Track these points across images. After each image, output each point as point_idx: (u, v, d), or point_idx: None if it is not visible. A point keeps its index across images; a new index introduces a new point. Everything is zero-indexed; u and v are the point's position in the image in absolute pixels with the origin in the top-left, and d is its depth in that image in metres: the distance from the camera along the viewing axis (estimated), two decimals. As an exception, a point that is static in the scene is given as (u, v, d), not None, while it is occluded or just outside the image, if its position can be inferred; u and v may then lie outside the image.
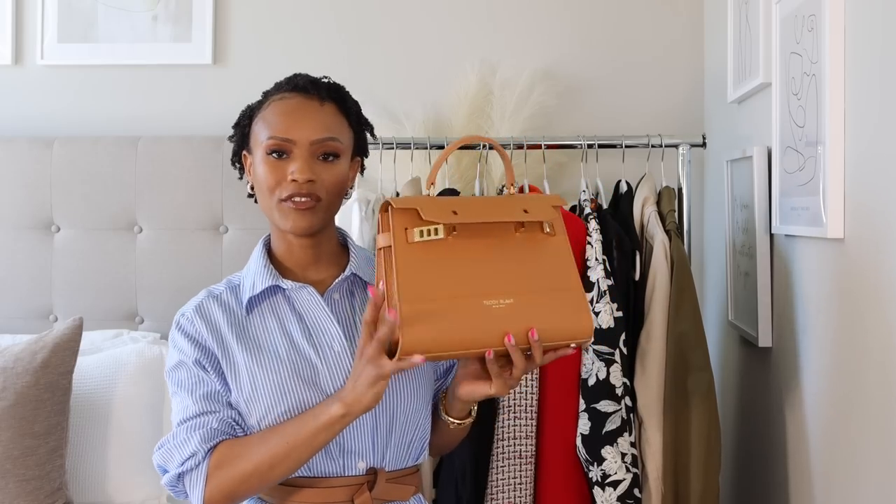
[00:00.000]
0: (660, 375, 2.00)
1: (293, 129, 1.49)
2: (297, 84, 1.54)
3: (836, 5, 1.58)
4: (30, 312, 2.56)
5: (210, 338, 1.52)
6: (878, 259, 1.46)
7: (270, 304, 1.55)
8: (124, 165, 2.54)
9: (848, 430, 1.59)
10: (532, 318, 1.39)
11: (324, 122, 1.51)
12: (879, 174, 1.45)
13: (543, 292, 1.42)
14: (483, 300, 1.38)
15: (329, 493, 1.48)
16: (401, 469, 1.54)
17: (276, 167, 1.49)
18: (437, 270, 1.39)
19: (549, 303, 1.41)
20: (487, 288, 1.39)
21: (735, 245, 2.22)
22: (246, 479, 1.43)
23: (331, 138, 1.51)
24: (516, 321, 1.38)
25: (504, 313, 1.38)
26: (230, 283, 1.60)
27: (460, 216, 1.42)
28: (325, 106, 1.52)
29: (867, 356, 1.51)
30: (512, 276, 1.42)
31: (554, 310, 1.41)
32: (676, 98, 2.64)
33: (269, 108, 1.53)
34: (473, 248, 1.42)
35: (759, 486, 2.12)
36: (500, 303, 1.39)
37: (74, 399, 2.19)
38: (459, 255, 1.41)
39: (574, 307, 1.43)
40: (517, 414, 1.99)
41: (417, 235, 1.40)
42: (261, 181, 1.51)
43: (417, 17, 2.70)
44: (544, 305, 1.41)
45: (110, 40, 2.71)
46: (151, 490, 2.26)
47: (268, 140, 1.49)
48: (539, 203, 1.49)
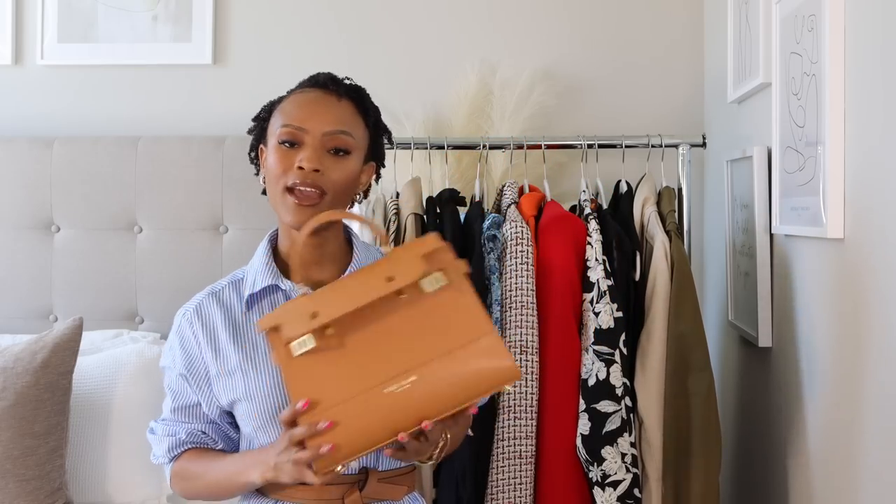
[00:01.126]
0: (660, 376, 2.00)
1: (307, 119, 1.50)
2: (318, 80, 1.56)
3: (836, 5, 1.58)
4: (30, 312, 2.56)
5: (205, 341, 1.54)
6: (878, 259, 1.46)
7: (270, 301, 1.55)
8: (124, 165, 2.54)
9: (848, 430, 1.59)
10: (441, 388, 1.32)
11: (338, 115, 1.52)
12: (879, 174, 1.45)
13: (448, 355, 1.33)
14: (383, 388, 1.32)
15: (320, 491, 1.48)
16: (394, 469, 1.54)
17: (285, 155, 1.49)
18: (328, 375, 1.34)
19: (458, 364, 1.33)
20: (384, 373, 1.32)
21: (735, 245, 2.22)
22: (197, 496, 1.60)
23: (343, 132, 1.50)
24: (423, 398, 1.31)
25: (409, 394, 1.31)
26: (234, 276, 1.61)
27: (321, 316, 1.35)
28: (342, 102, 1.53)
29: (867, 356, 1.51)
30: (408, 350, 1.33)
31: (465, 369, 1.33)
32: (676, 98, 2.64)
33: (287, 101, 1.55)
34: (359, 337, 1.35)
35: (759, 486, 2.12)
36: (402, 385, 1.32)
37: (74, 399, 2.19)
38: (347, 348, 1.35)
39: (489, 355, 1.34)
40: (517, 414, 1.99)
41: (297, 349, 1.35)
42: (270, 169, 1.51)
43: (417, 17, 2.70)
44: (452, 369, 1.33)
45: (110, 40, 2.70)
46: (151, 490, 2.26)
47: (281, 128, 1.50)
48: (405, 260, 1.38)
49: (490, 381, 1.34)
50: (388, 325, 1.36)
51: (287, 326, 1.36)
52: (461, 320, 1.35)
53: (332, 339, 1.35)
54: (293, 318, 1.36)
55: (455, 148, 2.34)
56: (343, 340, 1.35)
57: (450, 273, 1.38)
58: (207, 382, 1.54)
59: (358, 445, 1.32)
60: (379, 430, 1.32)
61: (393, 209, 2.15)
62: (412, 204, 2.13)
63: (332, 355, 1.35)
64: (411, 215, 2.11)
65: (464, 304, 1.37)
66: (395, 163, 2.21)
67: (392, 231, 2.11)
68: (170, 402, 1.59)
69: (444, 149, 2.27)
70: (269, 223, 1.64)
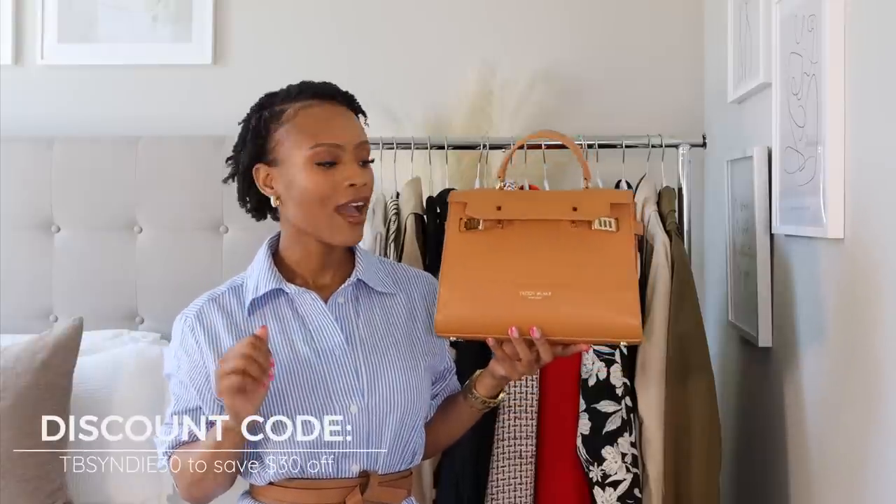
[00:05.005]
0: (660, 375, 2.00)
1: (339, 135, 1.50)
2: (320, 92, 1.54)
3: (836, 5, 1.58)
4: (30, 312, 2.55)
5: (207, 346, 1.53)
6: (878, 259, 1.46)
7: (273, 307, 1.55)
8: (124, 165, 2.54)
9: (848, 429, 1.59)
10: (565, 313, 1.43)
11: (357, 126, 1.55)
12: (879, 174, 1.45)
13: (585, 289, 1.44)
14: (520, 290, 1.44)
15: (321, 494, 1.49)
16: (394, 472, 1.55)
17: (326, 175, 1.48)
18: (483, 258, 1.49)
19: (590, 301, 1.44)
20: (527, 279, 1.45)
21: (735, 245, 2.22)
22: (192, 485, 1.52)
23: (366, 142, 1.55)
24: (548, 314, 1.43)
25: (538, 305, 1.43)
26: (233, 283, 1.60)
27: (503, 212, 1.51)
28: (349, 112, 1.55)
29: (867, 356, 1.51)
30: (555, 270, 1.46)
31: (594, 309, 1.43)
32: (676, 98, 2.64)
33: (299, 117, 1.51)
34: (522, 240, 1.49)
35: (760, 486, 2.12)
36: (537, 294, 1.44)
37: (74, 399, 2.19)
38: (508, 245, 1.49)
39: (620, 307, 1.43)
40: (517, 414, 1.99)
41: (465, 226, 1.52)
42: (308, 191, 1.49)
43: (418, 18, 2.69)
44: (582, 302, 1.43)
45: (110, 40, 2.71)
46: (151, 490, 2.26)
47: (314, 148, 1.48)
48: (594, 200, 1.52)
49: (612, 331, 1.45)
50: (548, 243, 1.49)
51: (473, 205, 1.52)
52: (611, 267, 1.47)
53: (500, 232, 1.51)
54: (482, 201, 1.53)
55: (455, 148, 2.34)
56: (508, 237, 1.50)
57: (622, 224, 1.50)
58: (209, 386, 1.53)
59: (476, 326, 1.46)
60: (497, 320, 1.44)
61: (393, 209, 2.15)
62: (412, 204, 2.13)
63: (493, 245, 1.50)
64: (411, 215, 2.10)
65: (620, 255, 1.48)
66: (395, 163, 2.21)
67: (392, 231, 2.11)
68: (174, 404, 1.56)
69: (445, 149, 2.26)
70: (269, 224, 1.64)
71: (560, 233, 1.49)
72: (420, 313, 1.62)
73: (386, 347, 1.55)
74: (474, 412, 1.61)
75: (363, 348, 1.54)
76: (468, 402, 1.60)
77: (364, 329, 1.56)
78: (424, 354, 1.60)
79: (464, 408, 1.61)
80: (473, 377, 1.60)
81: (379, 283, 1.60)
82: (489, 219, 1.51)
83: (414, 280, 1.65)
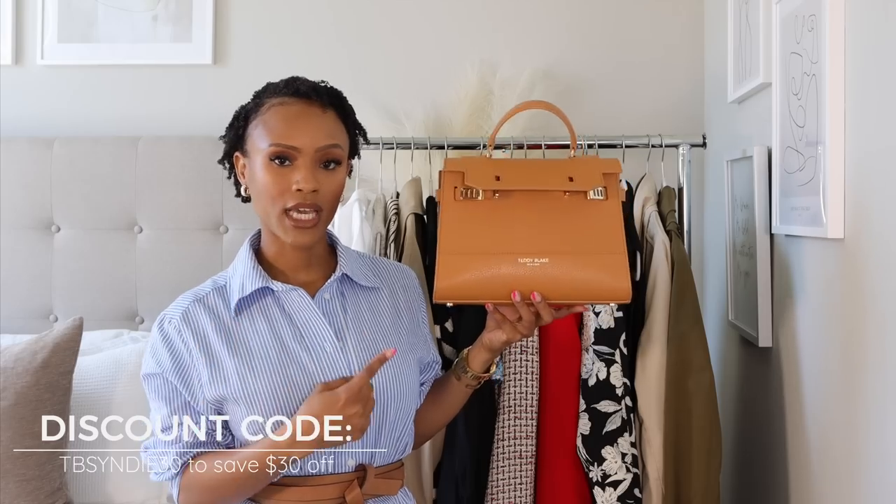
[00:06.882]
0: (660, 375, 2.00)
1: (297, 136, 1.48)
2: (299, 90, 1.52)
3: (836, 5, 1.58)
4: (30, 312, 2.56)
5: (196, 348, 1.52)
6: (878, 259, 1.46)
7: (260, 306, 1.55)
8: (124, 165, 2.54)
9: (848, 430, 1.59)
10: (563, 278, 1.48)
11: (327, 129, 1.50)
12: (879, 174, 1.45)
13: (581, 254, 1.51)
14: (518, 257, 1.50)
15: (320, 490, 1.49)
16: (388, 464, 1.56)
17: (278, 175, 1.47)
18: (480, 226, 1.53)
19: (585, 264, 1.50)
20: (525, 246, 1.50)
21: (735, 245, 2.22)
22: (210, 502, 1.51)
23: (334, 145, 1.50)
24: (546, 280, 1.48)
25: (536, 271, 1.49)
26: (215, 283, 1.59)
27: (502, 182, 1.54)
28: (326, 113, 1.52)
29: (867, 356, 1.51)
30: (552, 237, 1.52)
31: (588, 271, 1.49)
32: (676, 98, 2.64)
33: (269, 113, 1.50)
34: (518, 209, 1.54)
35: (760, 486, 2.12)
36: (535, 261, 1.49)
37: (74, 399, 2.19)
38: (503, 214, 1.54)
39: (612, 270, 1.50)
40: (517, 414, 1.99)
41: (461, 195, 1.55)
42: (261, 188, 1.49)
43: (417, 17, 2.70)
44: (578, 267, 1.50)
45: (110, 40, 2.71)
46: (151, 490, 2.26)
47: (270, 147, 1.48)
48: (588, 169, 1.57)
49: (603, 293, 1.52)
50: (544, 212, 1.54)
51: (472, 175, 1.56)
52: (602, 232, 1.54)
53: (497, 201, 1.55)
54: (480, 171, 1.56)
55: (455, 148, 2.34)
56: (504, 207, 1.55)
57: (610, 192, 1.57)
58: (200, 388, 1.51)
59: (474, 291, 1.50)
60: (499, 287, 1.49)
61: (393, 209, 2.15)
62: (412, 204, 2.13)
63: (490, 213, 1.54)
64: (411, 215, 2.10)
65: (609, 221, 1.55)
66: (395, 163, 2.21)
67: (392, 231, 2.11)
68: (164, 407, 1.52)
69: (445, 149, 2.26)
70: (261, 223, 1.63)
71: (555, 201, 1.55)
72: (403, 306, 1.63)
73: (375, 342, 1.56)
74: (467, 391, 1.63)
75: (353, 344, 1.54)
76: (462, 381, 1.62)
77: (353, 324, 1.56)
78: (412, 347, 1.61)
79: (456, 388, 1.63)
80: (463, 355, 1.62)
81: (363, 277, 1.60)
82: (488, 188, 1.54)
83: (395, 274, 1.66)
